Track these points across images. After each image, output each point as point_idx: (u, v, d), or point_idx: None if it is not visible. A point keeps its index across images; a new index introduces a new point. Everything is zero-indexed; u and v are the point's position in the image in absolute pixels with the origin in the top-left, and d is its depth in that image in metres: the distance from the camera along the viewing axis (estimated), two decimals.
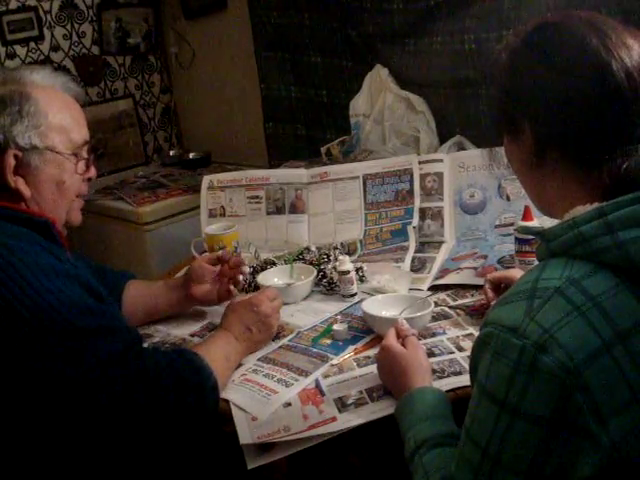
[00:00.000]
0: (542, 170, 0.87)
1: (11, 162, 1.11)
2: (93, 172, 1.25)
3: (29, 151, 1.12)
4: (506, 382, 0.75)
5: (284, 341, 1.36)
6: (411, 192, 1.81)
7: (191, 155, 3.15)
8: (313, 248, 1.73)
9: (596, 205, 0.80)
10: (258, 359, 1.30)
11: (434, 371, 1.17)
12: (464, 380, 1.11)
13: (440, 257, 1.69)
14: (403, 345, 1.15)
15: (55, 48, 2.97)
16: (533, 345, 0.73)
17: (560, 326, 0.73)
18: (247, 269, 1.52)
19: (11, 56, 2.83)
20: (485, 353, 0.79)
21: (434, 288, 1.53)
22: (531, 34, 0.87)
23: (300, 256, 1.70)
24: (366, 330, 1.36)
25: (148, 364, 1.07)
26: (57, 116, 1.15)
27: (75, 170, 1.19)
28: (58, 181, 1.16)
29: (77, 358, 1.01)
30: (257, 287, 1.57)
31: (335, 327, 1.36)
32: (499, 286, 1.36)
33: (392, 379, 1.13)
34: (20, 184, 1.12)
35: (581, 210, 0.82)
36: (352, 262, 1.56)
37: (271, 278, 1.61)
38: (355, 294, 1.52)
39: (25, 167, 1.12)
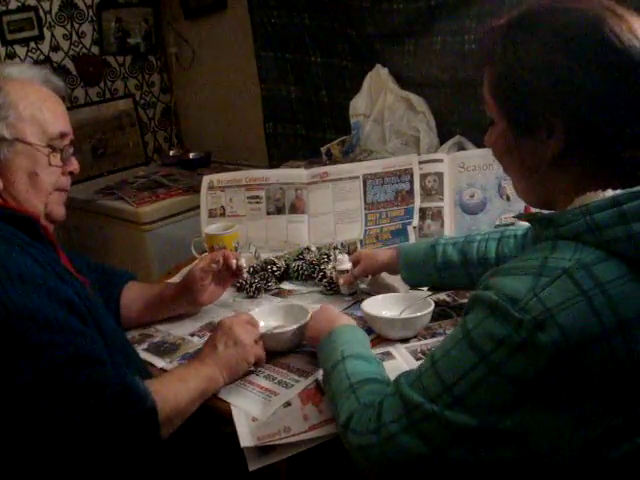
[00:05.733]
0: (560, 164, 0.85)
1: None
2: (75, 165, 1.24)
3: None
4: (495, 342, 0.76)
5: None
6: (411, 192, 1.81)
7: (191, 155, 3.15)
8: (313, 248, 1.73)
9: (611, 193, 0.80)
10: None
11: None
12: None
13: None
14: None
15: (55, 48, 2.98)
16: (531, 321, 0.74)
17: (563, 307, 0.74)
18: (243, 261, 1.49)
19: (11, 56, 2.83)
20: (480, 308, 0.80)
21: (434, 288, 1.52)
22: (545, 28, 0.83)
23: (300, 256, 1.70)
24: (366, 330, 1.35)
25: (82, 382, 0.98)
26: (29, 108, 1.14)
27: (49, 162, 1.17)
28: (30, 173, 1.15)
29: (23, 369, 0.95)
30: (257, 288, 1.58)
31: None
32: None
33: (321, 327, 1.19)
34: None
35: (593, 197, 0.81)
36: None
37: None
38: (355, 294, 1.52)
39: None
